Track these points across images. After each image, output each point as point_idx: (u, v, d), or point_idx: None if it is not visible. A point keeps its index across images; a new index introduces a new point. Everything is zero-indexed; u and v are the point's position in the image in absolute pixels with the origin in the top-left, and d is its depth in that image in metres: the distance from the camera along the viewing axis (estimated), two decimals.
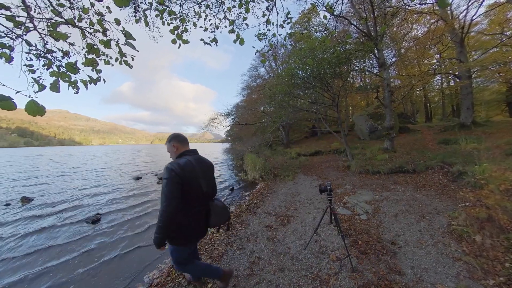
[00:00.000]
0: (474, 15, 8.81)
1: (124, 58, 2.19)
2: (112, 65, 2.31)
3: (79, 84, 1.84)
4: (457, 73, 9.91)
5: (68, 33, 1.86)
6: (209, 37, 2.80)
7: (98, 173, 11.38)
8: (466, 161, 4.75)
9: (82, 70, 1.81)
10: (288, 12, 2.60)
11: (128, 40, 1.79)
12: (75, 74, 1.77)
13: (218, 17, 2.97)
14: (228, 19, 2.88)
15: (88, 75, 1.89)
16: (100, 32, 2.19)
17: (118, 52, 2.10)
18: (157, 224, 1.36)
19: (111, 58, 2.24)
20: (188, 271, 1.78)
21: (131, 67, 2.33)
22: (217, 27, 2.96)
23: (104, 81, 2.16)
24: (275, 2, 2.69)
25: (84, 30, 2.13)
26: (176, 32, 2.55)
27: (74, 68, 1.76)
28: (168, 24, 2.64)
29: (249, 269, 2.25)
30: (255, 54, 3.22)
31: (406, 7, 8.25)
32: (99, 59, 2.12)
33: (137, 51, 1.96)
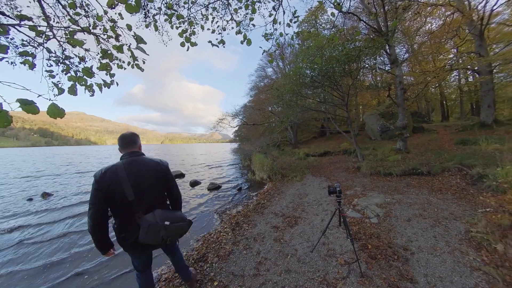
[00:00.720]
0: (495, 5, 8.23)
1: (136, 62, 2.29)
2: (125, 69, 2.41)
3: (95, 88, 1.94)
4: (477, 68, 9.33)
5: (84, 40, 1.96)
6: (217, 39, 2.84)
7: None
8: (487, 163, 4.46)
9: (97, 74, 1.92)
10: (295, 11, 2.57)
11: (139, 45, 1.85)
12: (91, 78, 1.87)
13: (225, 19, 3.00)
14: (235, 21, 2.90)
15: (103, 79, 1.99)
16: (113, 38, 2.29)
17: (130, 56, 2.20)
18: None
19: (124, 62, 2.34)
20: (136, 278, 1.65)
21: (142, 70, 2.42)
22: (224, 29, 2.99)
23: (117, 84, 2.26)
24: (282, 1, 2.66)
25: (99, 37, 2.24)
26: (185, 35, 2.60)
27: (90, 73, 1.86)
28: (177, 28, 2.70)
29: (255, 269, 2.25)
30: (262, 54, 3.22)
31: (419, 0, 7.88)
32: (113, 64, 2.23)
33: (148, 55, 2.03)
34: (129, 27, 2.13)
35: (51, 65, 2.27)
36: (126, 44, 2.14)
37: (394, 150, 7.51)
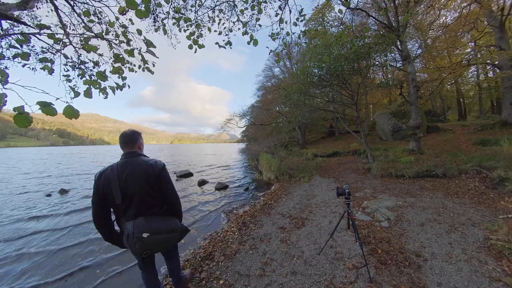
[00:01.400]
0: None
1: (146, 65, 2.38)
2: (136, 72, 2.51)
3: (108, 90, 2.04)
4: (497, 63, 8.73)
5: (98, 45, 2.06)
6: (224, 40, 2.87)
7: None
8: (510, 166, 4.19)
9: (110, 78, 2.01)
10: (301, 9, 2.55)
11: (149, 48, 1.91)
12: (104, 81, 1.97)
13: (232, 20, 3.02)
14: (241, 22, 2.91)
15: (115, 82, 2.08)
16: (125, 43, 2.40)
17: (141, 60, 2.29)
18: None
19: (135, 66, 2.44)
20: (141, 276, 1.68)
21: (153, 73, 2.50)
22: (231, 30, 3.01)
23: (129, 87, 2.36)
24: (288, 0, 2.64)
25: (111, 42, 2.35)
26: (192, 38, 2.66)
27: (104, 76, 1.95)
28: (185, 31, 2.76)
29: (261, 270, 2.25)
30: (269, 54, 3.21)
31: None
32: (124, 67, 2.33)
33: (158, 58, 2.09)
34: (139, 32, 2.21)
35: (68, 70, 2.41)
36: (137, 48, 2.23)
37: (407, 151, 7.22)
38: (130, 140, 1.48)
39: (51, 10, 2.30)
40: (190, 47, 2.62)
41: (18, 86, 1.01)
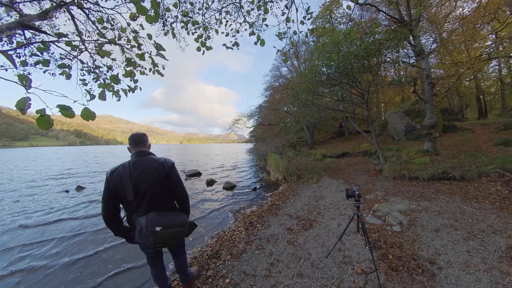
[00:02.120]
0: None
1: (156, 68, 2.47)
2: (147, 75, 2.62)
3: (121, 93, 2.13)
4: None
5: (111, 51, 2.16)
6: (231, 42, 2.90)
7: None
8: None
9: (123, 81, 2.10)
10: (308, 7, 2.51)
11: (159, 52, 1.98)
12: (117, 85, 2.06)
13: (238, 21, 3.04)
14: (248, 22, 2.92)
15: (128, 85, 2.18)
16: (136, 47, 2.49)
17: (151, 63, 2.38)
18: None
19: (146, 69, 2.53)
20: (150, 271, 1.77)
21: (162, 75, 2.59)
22: (238, 31, 3.03)
23: (140, 89, 2.45)
24: None
25: (123, 47, 2.44)
26: (200, 40, 2.71)
27: (117, 80, 2.05)
28: (193, 34, 2.82)
29: (267, 270, 2.24)
30: (277, 54, 3.19)
31: None
32: (136, 70, 2.42)
33: (167, 60, 2.15)
34: (150, 36, 2.28)
35: (84, 74, 2.55)
36: (148, 52, 2.31)
37: (421, 152, 6.91)
38: (141, 141, 1.57)
39: (68, 19, 2.43)
40: (198, 49, 2.66)
41: (40, 91, 1.08)
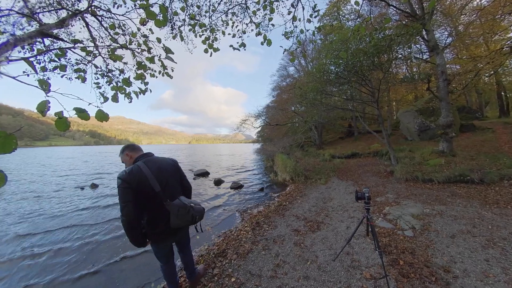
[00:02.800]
0: None
1: (166, 70, 2.56)
2: (156, 77, 2.70)
3: (132, 95, 2.22)
4: None
5: (123, 55, 2.25)
6: (238, 43, 2.91)
7: None
8: None
9: (134, 83, 2.20)
10: (315, 5, 2.47)
11: (168, 55, 2.03)
12: (129, 87, 2.15)
13: (245, 22, 3.05)
14: (254, 23, 2.93)
15: (138, 87, 2.26)
16: (146, 51, 2.59)
17: (161, 66, 2.47)
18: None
19: (155, 71, 2.62)
20: (161, 269, 1.85)
21: (171, 77, 2.66)
22: (244, 32, 3.05)
23: (151, 91, 2.54)
24: None
25: (134, 51, 2.54)
26: (207, 42, 2.75)
27: (128, 82, 2.15)
28: (200, 36, 2.86)
29: (273, 271, 2.23)
30: (284, 54, 3.18)
31: None
32: (146, 73, 2.52)
33: (176, 63, 2.21)
34: (159, 40, 2.35)
35: (98, 78, 2.67)
36: (157, 55, 2.40)
37: (436, 153, 6.61)
38: (139, 147, 1.77)
39: (83, 26, 2.55)
40: (206, 51, 2.70)
41: (58, 94, 1.14)
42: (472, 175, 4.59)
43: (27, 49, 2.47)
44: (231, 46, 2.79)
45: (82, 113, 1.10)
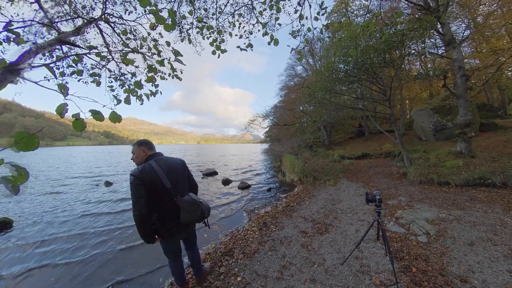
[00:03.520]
0: None
1: (175, 73, 2.64)
2: (166, 80, 2.79)
3: (143, 97, 2.30)
4: None
5: (134, 59, 2.34)
6: (245, 43, 2.94)
7: None
8: None
9: (145, 86, 2.28)
10: (322, 2, 2.44)
11: (177, 57, 2.09)
12: (140, 89, 2.24)
13: (251, 23, 3.07)
14: (261, 23, 2.93)
15: (149, 89, 2.36)
16: (156, 54, 2.68)
17: (170, 68, 2.55)
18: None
19: (165, 74, 2.71)
20: (169, 266, 1.95)
21: (181, 79, 2.74)
22: (251, 32, 3.06)
23: (161, 93, 2.63)
24: None
25: (145, 55, 2.63)
26: (215, 44, 2.79)
27: (140, 85, 2.25)
28: (208, 38, 2.92)
29: (279, 272, 2.22)
30: (291, 53, 3.15)
31: None
32: (157, 76, 2.61)
33: (185, 65, 2.27)
34: (168, 44, 2.41)
35: (112, 81, 2.80)
36: (167, 58, 2.47)
37: (453, 154, 6.27)
38: (153, 146, 1.86)
39: (97, 33, 2.68)
40: (214, 53, 2.74)
41: (75, 97, 1.21)
42: (494, 178, 4.30)
43: (47, 56, 2.62)
44: (238, 47, 2.81)
45: (97, 115, 1.16)
